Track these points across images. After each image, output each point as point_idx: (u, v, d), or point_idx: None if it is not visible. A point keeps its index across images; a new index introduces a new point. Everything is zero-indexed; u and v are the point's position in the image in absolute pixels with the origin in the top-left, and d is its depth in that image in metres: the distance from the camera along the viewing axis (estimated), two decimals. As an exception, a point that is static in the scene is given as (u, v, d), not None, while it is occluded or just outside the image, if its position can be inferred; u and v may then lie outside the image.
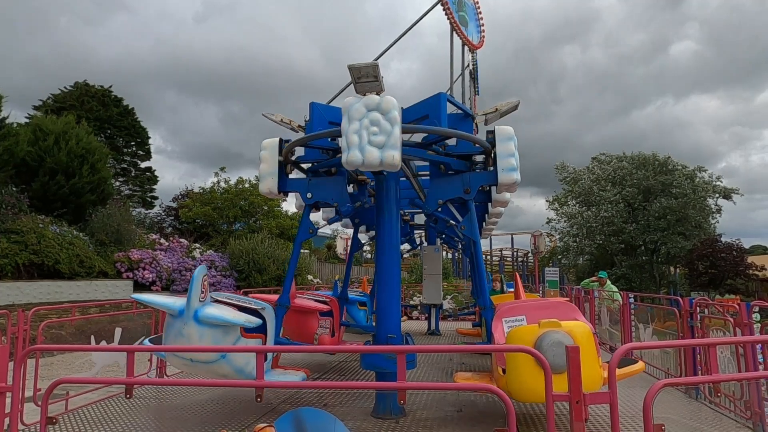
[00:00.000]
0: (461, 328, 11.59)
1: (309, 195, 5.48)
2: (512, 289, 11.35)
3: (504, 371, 4.29)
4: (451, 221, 6.01)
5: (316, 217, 6.35)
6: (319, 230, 5.99)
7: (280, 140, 5.60)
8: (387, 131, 4.29)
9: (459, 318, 14.68)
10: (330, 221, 6.71)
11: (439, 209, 5.86)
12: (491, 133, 5.23)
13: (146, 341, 5.77)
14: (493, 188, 6.60)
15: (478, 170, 5.57)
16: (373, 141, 4.29)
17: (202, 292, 4.29)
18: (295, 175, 5.83)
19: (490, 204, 7.36)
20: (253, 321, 4.47)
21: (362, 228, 8.23)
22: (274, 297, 5.94)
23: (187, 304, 4.23)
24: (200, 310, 4.22)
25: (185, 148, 78.80)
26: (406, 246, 12.34)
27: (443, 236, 11.15)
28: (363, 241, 9.04)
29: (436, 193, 5.44)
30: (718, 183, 29.96)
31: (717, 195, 29.79)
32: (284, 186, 5.60)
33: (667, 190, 28.88)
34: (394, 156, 4.26)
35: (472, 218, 5.38)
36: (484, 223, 8.78)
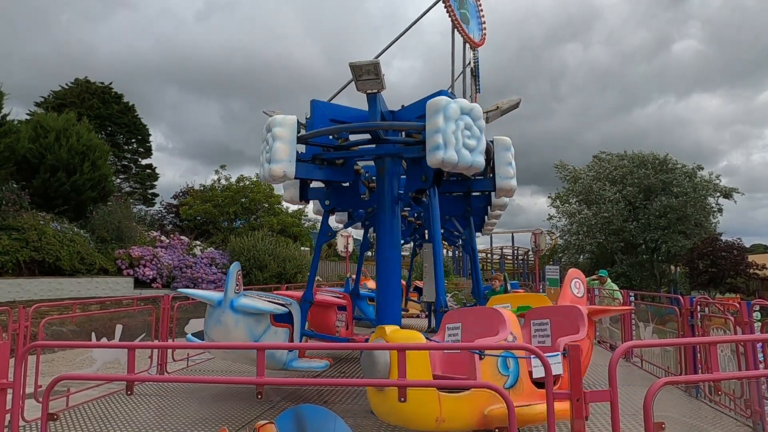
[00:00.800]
0: None
1: (327, 202, 5.97)
2: (517, 290, 10.86)
3: None
4: (455, 231, 6.40)
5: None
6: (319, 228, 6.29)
7: None
8: (270, 146, 4.76)
9: None
10: (345, 225, 7.08)
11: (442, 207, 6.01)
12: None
13: (190, 336, 6.28)
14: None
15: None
16: (266, 157, 4.81)
17: (237, 285, 4.85)
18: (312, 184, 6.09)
19: (493, 194, 7.33)
20: (281, 309, 5.11)
21: (371, 230, 8.32)
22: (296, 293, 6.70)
23: (224, 295, 4.85)
24: (235, 300, 4.81)
25: (186, 145, 78.76)
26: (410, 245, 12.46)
27: (442, 231, 11.10)
28: (373, 242, 9.23)
29: (408, 186, 5.75)
30: (718, 182, 29.89)
31: (718, 194, 29.73)
32: (305, 195, 5.97)
33: (668, 189, 28.85)
34: (273, 169, 4.68)
35: (471, 230, 6.07)
36: (486, 217, 8.74)
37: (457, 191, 6.19)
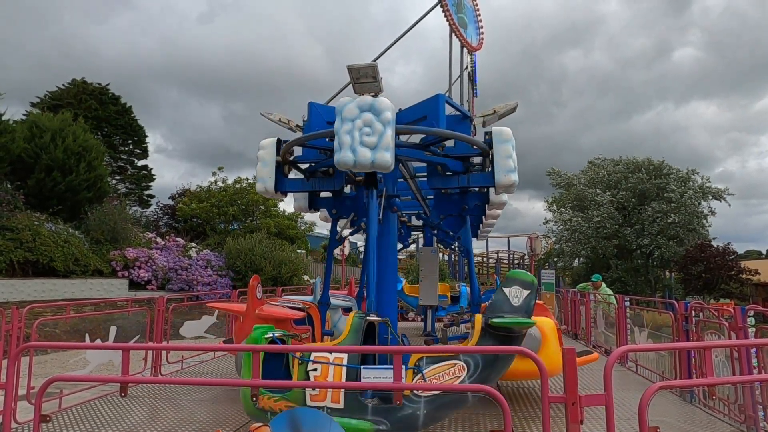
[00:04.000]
0: None
1: (334, 211, 6.20)
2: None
3: None
4: (451, 232, 6.54)
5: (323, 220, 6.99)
6: (317, 231, 6.41)
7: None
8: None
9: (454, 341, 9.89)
10: (352, 233, 7.23)
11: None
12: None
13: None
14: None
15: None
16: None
17: (321, 291, 6.31)
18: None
19: (487, 205, 7.35)
20: (348, 304, 7.33)
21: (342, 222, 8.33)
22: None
23: (313, 297, 6.35)
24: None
25: (186, 146, 78.59)
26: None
27: (436, 233, 11.08)
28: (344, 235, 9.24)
29: (439, 209, 6.16)
30: (709, 184, 29.82)
31: (710, 197, 29.74)
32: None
33: (662, 194, 28.94)
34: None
35: (467, 230, 6.02)
36: (481, 225, 8.77)
37: (454, 186, 6.00)
